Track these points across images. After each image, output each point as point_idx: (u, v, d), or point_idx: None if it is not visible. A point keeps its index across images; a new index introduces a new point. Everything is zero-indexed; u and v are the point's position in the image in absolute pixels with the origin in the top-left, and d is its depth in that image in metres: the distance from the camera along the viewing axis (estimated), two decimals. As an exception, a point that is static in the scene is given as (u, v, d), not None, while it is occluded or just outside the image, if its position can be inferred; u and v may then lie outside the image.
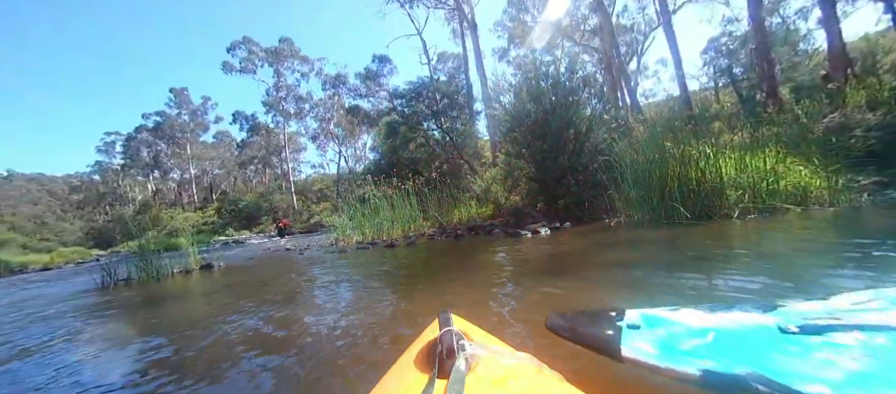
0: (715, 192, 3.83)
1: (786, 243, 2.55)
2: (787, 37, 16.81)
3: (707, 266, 2.16)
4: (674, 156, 3.98)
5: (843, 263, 1.87)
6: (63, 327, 2.60)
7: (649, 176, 4.09)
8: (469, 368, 0.59)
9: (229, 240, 21.24)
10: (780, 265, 2.04)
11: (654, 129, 4.31)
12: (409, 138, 18.64)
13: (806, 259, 2.09)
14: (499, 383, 0.56)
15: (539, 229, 4.66)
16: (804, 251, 2.28)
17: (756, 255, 2.32)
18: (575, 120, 5.60)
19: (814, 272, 1.82)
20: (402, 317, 1.89)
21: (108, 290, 4.70)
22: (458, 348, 0.62)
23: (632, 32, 25.30)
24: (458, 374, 0.55)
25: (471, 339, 0.70)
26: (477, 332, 0.80)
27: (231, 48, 39.61)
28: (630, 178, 4.30)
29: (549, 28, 26.04)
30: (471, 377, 0.56)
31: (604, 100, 6.55)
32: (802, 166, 4.12)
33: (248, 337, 1.83)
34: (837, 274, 1.71)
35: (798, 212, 3.71)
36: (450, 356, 0.60)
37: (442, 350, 0.62)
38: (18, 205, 58.97)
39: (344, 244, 7.04)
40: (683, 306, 0.96)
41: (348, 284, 3.13)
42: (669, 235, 3.41)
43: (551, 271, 2.62)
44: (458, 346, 0.62)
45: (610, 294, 1.85)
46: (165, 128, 49.74)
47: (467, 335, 0.71)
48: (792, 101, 10.49)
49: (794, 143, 5.00)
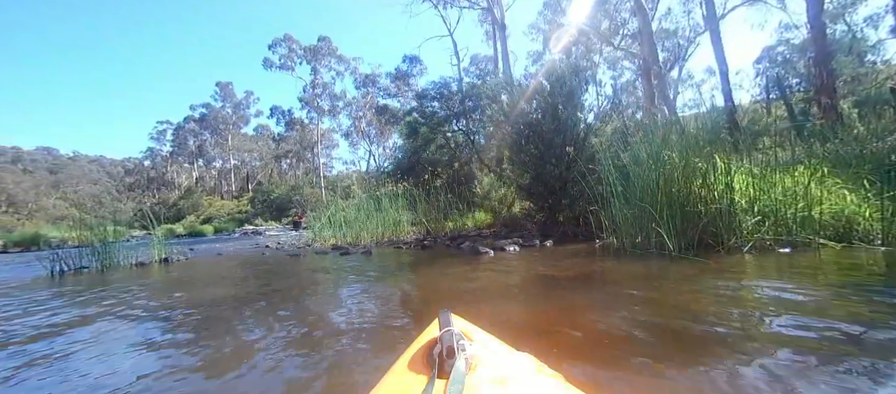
0: (723, 217, 3.00)
1: (814, 298, 1.76)
2: (852, 46, 14.83)
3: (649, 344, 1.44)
4: (674, 166, 3.17)
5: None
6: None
7: (640, 193, 3.30)
8: (469, 368, 0.58)
9: (249, 230, 21.65)
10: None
11: (650, 135, 3.48)
12: (430, 139, 18.24)
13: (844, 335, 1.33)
14: (499, 383, 0.55)
15: (506, 247, 3.96)
16: (841, 316, 1.50)
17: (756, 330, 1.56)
18: (570, 123, 4.84)
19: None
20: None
21: (53, 279, 4.51)
22: (458, 347, 0.61)
23: (675, 37, 23.57)
24: (458, 374, 0.54)
25: (471, 339, 0.70)
26: (477, 332, 0.77)
27: (272, 45, 41.00)
28: (617, 194, 3.52)
29: (585, 31, 24.87)
30: (471, 377, 0.55)
31: (614, 104, 5.71)
32: (848, 190, 3.20)
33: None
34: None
35: (837, 250, 2.82)
36: (450, 356, 0.59)
37: (442, 350, 0.62)
38: (80, 184, 64.11)
39: (320, 245, 6.62)
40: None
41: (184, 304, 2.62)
42: (647, 272, 2.65)
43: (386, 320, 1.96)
44: (458, 346, 0.61)
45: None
46: (210, 119, 52.38)
47: (467, 335, 0.70)
48: (854, 117, 9.08)
49: (845, 161, 4.02)
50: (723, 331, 1.37)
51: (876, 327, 1.33)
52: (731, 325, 1.43)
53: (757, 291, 1.91)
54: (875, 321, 1.38)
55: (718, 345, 1.25)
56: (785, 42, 20.59)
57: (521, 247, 4.16)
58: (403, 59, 26.50)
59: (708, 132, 3.55)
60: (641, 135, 3.63)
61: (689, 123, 4.10)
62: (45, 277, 4.80)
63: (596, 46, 27.40)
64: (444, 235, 6.51)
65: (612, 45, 25.18)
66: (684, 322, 1.50)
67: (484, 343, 0.70)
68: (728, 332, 1.36)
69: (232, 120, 53.21)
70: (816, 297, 1.72)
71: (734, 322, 1.46)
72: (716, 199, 3.00)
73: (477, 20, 27.98)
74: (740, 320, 1.49)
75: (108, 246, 5.20)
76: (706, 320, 1.50)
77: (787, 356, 1.11)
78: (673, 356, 1.18)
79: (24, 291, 3.60)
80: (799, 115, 11.98)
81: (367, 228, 6.83)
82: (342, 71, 42.64)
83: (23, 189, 50.24)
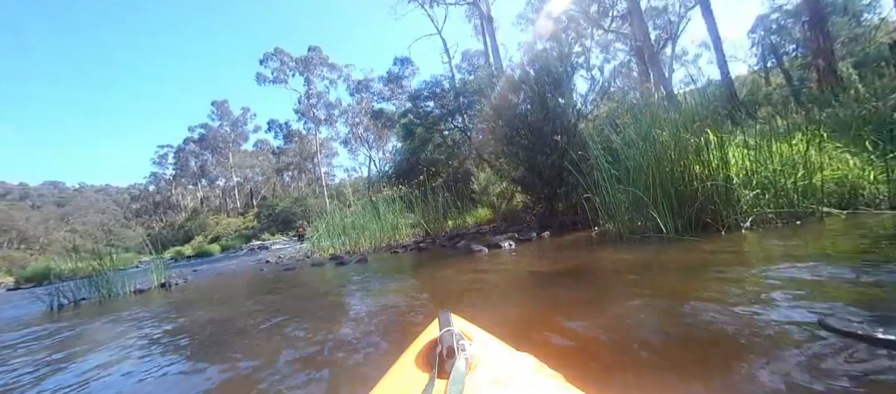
0: (720, 193, 2.88)
1: (827, 272, 1.65)
2: (846, 5, 14.50)
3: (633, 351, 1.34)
4: (665, 144, 3.04)
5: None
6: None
7: (633, 176, 3.19)
8: (469, 368, 0.57)
9: (255, 246, 21.72)
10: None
11: (639, 113, 3.35)
12: (426, 139, 18.11)
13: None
14: (499, 383, 0.54)
15: (501, 243, 3.85)
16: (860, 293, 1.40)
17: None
18: (559, 111, 4.72)
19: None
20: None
21: (52, 313, 4.49)
22: (458, 347, 0.60)
23: (666, 14, 23.26)
24: (458, 374, 0.53)
25: (471, 339, 0.69)
26: (477, 332, 0.76)
27: (264, 59, 41.05)
28: (608, 179, 3.40)
29: (574, 17, 24.63)
30: (471, 377, 0.55)
31: (604, 87, 5.57)
32: (850, 154, 3.07)
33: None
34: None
35: (842, 217, 2.70)
36: (450, 356, 0.59)
37: (442, 350, 0.61)
38: (88, 214, 64.70)
39: (319, 256, 6.56)
40: None
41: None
42: (637, 260, 2.54)
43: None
44: (459, 346, 0.61)
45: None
46: (209, 139, 52.61)
47: (467, 335, 0.70)
48: (855, 78, 8.86)
49: (846, 124, 3.88)
50: (715, 322, 1.27)
51: (874, 305, 1.22)
52: (721, 317, 1.33)
53: (748, 274, 1.80)
54: (874, 298, 1.27)
55: (713, 345, 1.15)
56: (778, 8, 20.22)
57: (517, 242, 4.06)
58: (394, 61, 26.41)
59: (703, 107, 3.43)
60: (630, 117, 3.50)
61: (685, 100, 3.98)
62: (44, 312, 4.79)
63: (587, 31, 27.12)
64: (443, 235, 6.42)
65: (603, 29, 24.92)
66: (674, 321, 1.40)
67: (484, 343, 0.70)
68: (720, 322, 1.26)
69: (231, 138, 53.42)
70: (821, 276, 1.62)
71: (723, 315, 1.36)
72: (710, 175, 2.88)
73: (465, 16, 27.86)
74: (727, 311, 1.39)
75: (105, 276, 5.17)
76: (700, 315, 1.40)
77: (794, 355, 1.02)
78: (671, 358, 1.09)
79: (21, 328, 3.57)
80: (797, 81, 11.76)
81: (363, 235, 6.75)
82: (335, 79, 42.64)
83: (32, 224, 50.80)
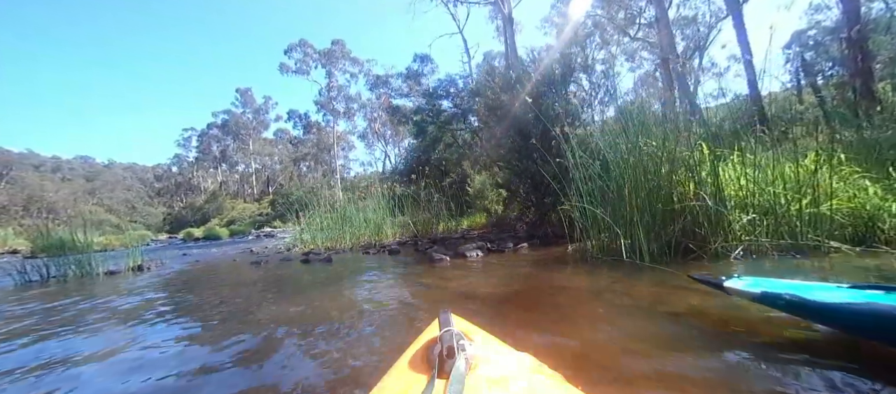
0: (709, 216, 2.48)
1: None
2: (890, 24, 13.45)
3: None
4: (651, 158, 2.66)
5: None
6: None
7: (611, 190, 2.81)
8: (469, 368, 0.56)
9: (262, 233, 21.95)
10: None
11: (630, 121, 2.96)
12: (437, 138, 17.86)
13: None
14: (499, 383, 0.54)
15: (468, 253, 3.52)
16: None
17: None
18: (552, 114, 4.35)
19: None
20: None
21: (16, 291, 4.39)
22: (458, 347, 0.59)
23: (695, 24, 22.31)
24: (458, 374, 0.53)
25: (471, 339, 0.68)
26: (477, 332, 0.75)
27: (288, 50, 41.60)
28: (581, 189, 3.03)
29: (600, 23, 23.96)
30: (471, 377, 0.54)
31: (607, 90, 5.17)
32: (870, 180, 2.62)
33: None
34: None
35: (854, 254, 2.27)
36: (450, 356, 0.58)
37: (442, 350, 0.60)
38: (115, 190, 67.09)
39: (298, 250, 6.36)
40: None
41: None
42: (596, 288, 2.19)
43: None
44: (458, 346, 0.60)
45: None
46: (232, 125, 53.78)
47: (467, 335, 0.69)
48: (893, 99, 8.14)
49: (870, 145, 3.41)
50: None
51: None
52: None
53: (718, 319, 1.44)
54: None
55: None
56: (816, 24, 19.09)
57: (489, 252, 3.72)
58: (414, 58, 26.25)
59: (730, 122, 3.03)
60: (620, 126, 3.12)
61: (713, 114, 3.58)
62: (9, 289, 4.67)
63: (613, 38, 26.34)
64: (425, 239, 6.12)
65: (628, 36, 24.16)
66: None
67: (484, 343, 0.70)
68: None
69: (252, 125, 54.46)
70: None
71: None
72: (694, 193, 2.49)
73: (488, 17, 27.48)
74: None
75: (88, 256, 5.08)
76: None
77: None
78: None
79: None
80: (831, 100, 10.97)
81: (345, 232, 6.52)
82: (356, 73, 42.86)
83: (61, 197, 52.93)
